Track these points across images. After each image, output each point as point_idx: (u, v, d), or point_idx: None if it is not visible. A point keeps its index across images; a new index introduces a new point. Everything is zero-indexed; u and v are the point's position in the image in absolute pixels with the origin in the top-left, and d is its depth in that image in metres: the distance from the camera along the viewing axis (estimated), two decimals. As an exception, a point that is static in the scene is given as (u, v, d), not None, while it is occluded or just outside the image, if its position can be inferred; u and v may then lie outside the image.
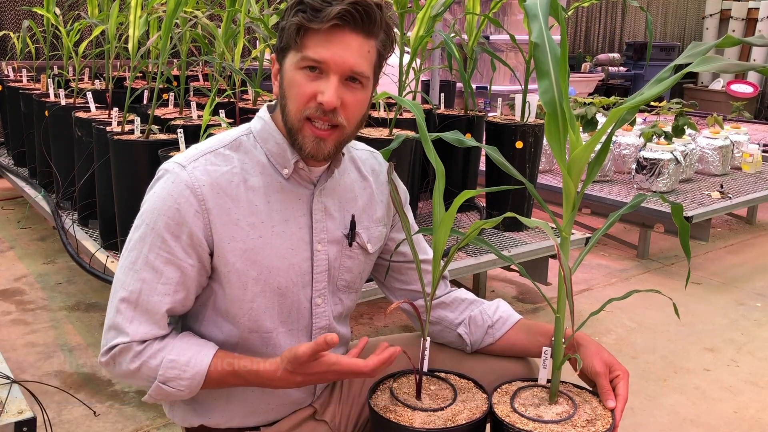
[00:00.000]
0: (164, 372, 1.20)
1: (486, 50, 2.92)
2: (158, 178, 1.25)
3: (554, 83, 1.13)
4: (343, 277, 1.36)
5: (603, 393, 1.27)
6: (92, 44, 3.56)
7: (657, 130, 3.89)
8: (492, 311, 1.45)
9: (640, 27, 9.77)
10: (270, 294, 1.27)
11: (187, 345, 1.24)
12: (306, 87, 1.18)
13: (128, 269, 1.23)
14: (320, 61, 1.17)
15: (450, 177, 3.29)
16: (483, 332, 1.44)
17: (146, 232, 1.22)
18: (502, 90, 5.72)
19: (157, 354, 1.21)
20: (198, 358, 1.22)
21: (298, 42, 1.17)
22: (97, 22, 3.07)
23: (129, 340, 1.20)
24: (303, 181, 1.29)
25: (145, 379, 1.22)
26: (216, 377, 1.22)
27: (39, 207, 3.38)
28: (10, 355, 2.51)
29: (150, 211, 1.22)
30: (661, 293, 1.32)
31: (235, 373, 1.23)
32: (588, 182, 1.21)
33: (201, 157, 1.25)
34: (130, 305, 1.21)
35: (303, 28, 1.16)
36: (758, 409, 2.31)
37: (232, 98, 2.82)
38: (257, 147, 1.28)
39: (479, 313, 1.45)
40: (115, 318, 1.22)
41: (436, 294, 1.38)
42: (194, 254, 1.22)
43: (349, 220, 1.34)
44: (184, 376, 1.21)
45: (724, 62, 1.05)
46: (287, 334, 1.32)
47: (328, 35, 1.16)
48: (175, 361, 1.21)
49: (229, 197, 1.23)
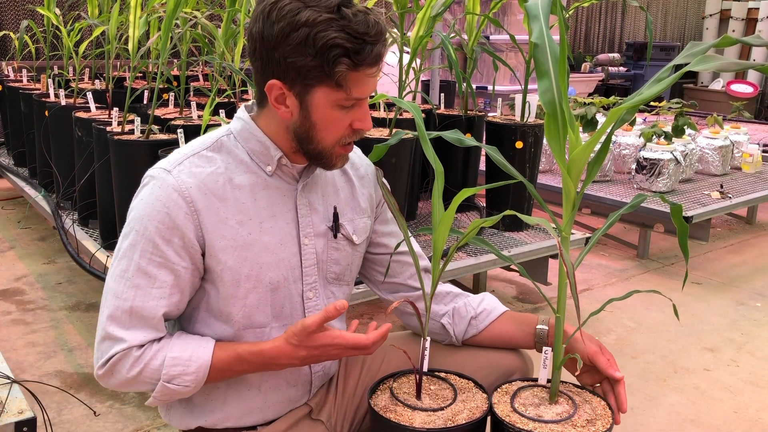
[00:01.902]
0: (168, 370, 1.21)
1: (486, 50, 2.92)
2: (144, 185, 1.26)
3: (554, 83, 1.13)
4: (332, 270, 1.38)
5: (606, 367, 1.31)
6: (92, 44, 3.56)
7: (657, 130, 3.89)
8: (476, 303, 1.48)
9: (640, 27, 9.77)
10: (262, 289, 1.29)
11: (186, 341, 1.25)
12: (345, 120, 1.23)
13: (119, 278, 1.23)
14: (363, 98, 1.21)
15: (450, 177, 3.30)
16: (466, 323, 1.47)
17: (136, 239, 1.22)
18: (502, 90, 5.72)
19: (158, 354, 1.21)
20: (199, 351, 1.23)
21: (341, 84, 1.17)
22: (98, 23, 3.08)
23: (127, 345, 1.20)
24: (286, 177, 1.31)
25: (148, 383, 1.22)
26: (220, 366, 1.23)
27: (39, 207, 3.38)
28: (10, 355, 2.51)
29: (139, 218, 1.22)
30: (661, 294, 1.32)
31: (238, 356, 1.24)
32: (588, 182, 1.21)
33: (185, 160, 1.26)
34: (125, 313, 1.21)
35: (348, 73, 1.17)
36: (758, 409, 2.31)
37: (232, 98, 2.82)
38: (239, 146, 1.29)
39: (463, 305, 1.48)
40: (109, 328, 1.22)
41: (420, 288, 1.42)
42: (187, 256, 1.23)
43: (332, 213, 1.37)
44: (188, 370, 1.21)
45: (723, 61, 1.05)
46: (281, 329, 1.33)
47: (372, 73, 1.19)
48: (177, 358, 1.21)
49: (217, 197, 1.24)
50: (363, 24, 1.15)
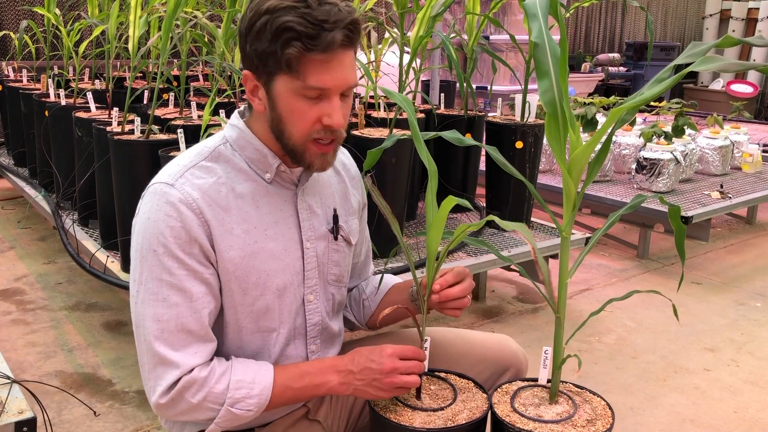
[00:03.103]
0: (233, 394, 1.21)
1: (486, 50, 2.92)
2: (146, 202, 1.23)
3: (554, 83, 1.13)
4: (332, 271, 1.39)
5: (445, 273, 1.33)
6: (92, 44, 3.56)
7: (657, 130, 3.89)
8: (366, 285, 1.55)
9: (640, 27, 9.76)
10: (270, 296, 1.29)
11: (247, 365, 1.25)
12: (310, 113, 1.19)
13: (153, 301, 1.19)
14: (324, 88, 1.16)
15: (450, 177, 3.30)
16: (360, 306, 1.53)
17: (158, 259, 1.19)
18: (502, 90, 5.72)
19: (222, 378, 1.21)
20: (261, 373, 1.23)
21: (296, 70, 1.15)
22: (98, 22, 3.07)
23: (189, 368, 1.19)
24: (285, 183, 1.31)
25: (210, 410, 1.21)
26: (279, 390, 1.24)
27: (39, 207, 3.38)
28: (10, 355, 2.51)
29: (153, 237, 1.19)
30: (661, 294, 1.32)
31: (300, 372, 1.26)
32: (588, 182, 1.21)
33: (186, 173, 1.24)
34: (171, 334, 1.19)
35: (301, 57, 1.14)
36: (758, 409, 2.31)
37: (232, 98, 2.82)
38: (236, 155, 1.28)
39: (356, 291, 1.55)
40: (161, 352, 1.18)
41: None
42: (209, 264, 1.23)
43: (332, 215, 1.37)
44: (252, 393, 1.22)
45: (725, 62, 1.05)
46: (285, 334, 1.34)
47: (326, 60, 1.14)
48: (241, 381, 1.21)
49: (221, 207, 1.24)
50: (324, 13, 1.12)
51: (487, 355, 1.47)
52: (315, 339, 1.38)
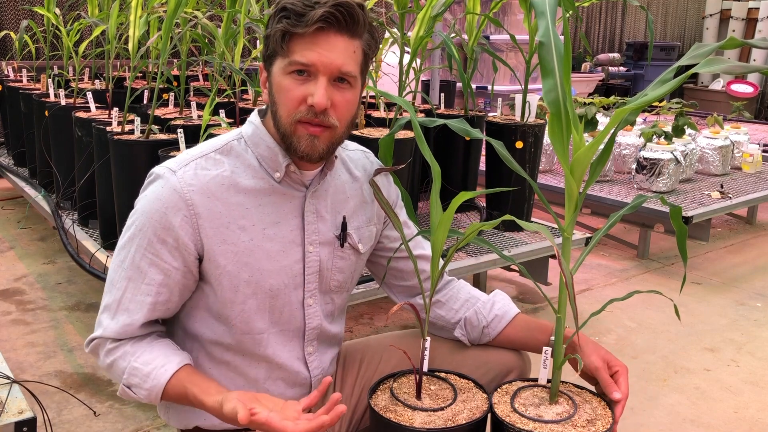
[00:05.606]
0: (128, 377, 1.24)
1: (486, 50, 2.92)
2: (150, 181, 1.28)
3: (559, 83, 1.13)
4: (335, 278, 1.37)
5: (607, 386, 1.26)
6: (92, 44, 3.56)
7: (657, 130, 3.89)
8: (487, 310, 1.45)
9: (640, 27, 9.76)
10: (262, 296, 1.28)
11: (153, 356, 1.24)
12: (296, 91, 1.19)
13: (118, 267, 1.27)
14: (308, 64, 1.18)
15: (450, 177, 3.29)
16: (479, 332, 1.45)
17: (135, 234, 1.25)
18: (502, 90, 5.72)
19: (126, 357, 1.24)
20: (158, 372, 1.23)
21: (284, 48, 1.18)
22: (98, 22, 3.07)
23: (101, 335, 1.26)
24: (295, 184, 1.31)
25: (117, 377, 1.27)
26: (173, 395, 1.24)
27: (39, 207, 3.38)
28: (10, 355, 2.50)
29: (140, 214, 1.25)
30: (662, 294, 1.32)
31: (185, 395, 1.22)
32: (590, 182, 1.21)
33: (192, 162, 1.26)
34: (115, 302, 1.26)
35: (288, 34, 1.17)
36: (758, 409, 2.31)
37: (232, 98, 2.82)
38: (248, 151, 1.29)
39: (474, 314, 1.45)
40: (101, 313, 1.28)
41: (435, 291, 1.39)
42: (180, 258, 1.24)
43: (341, 222, 1.36)
44: (143, 386, 1.23)
45: (730, 64, 1.05)
46: (279, 334, 1.33)
47: (314, 38, 1.17)
48: (137, 370, 1.23)
49: (219, 201, 1.24)
50: None
51: (489, 358, 1.45)
52: (312, 341, 1.38)
